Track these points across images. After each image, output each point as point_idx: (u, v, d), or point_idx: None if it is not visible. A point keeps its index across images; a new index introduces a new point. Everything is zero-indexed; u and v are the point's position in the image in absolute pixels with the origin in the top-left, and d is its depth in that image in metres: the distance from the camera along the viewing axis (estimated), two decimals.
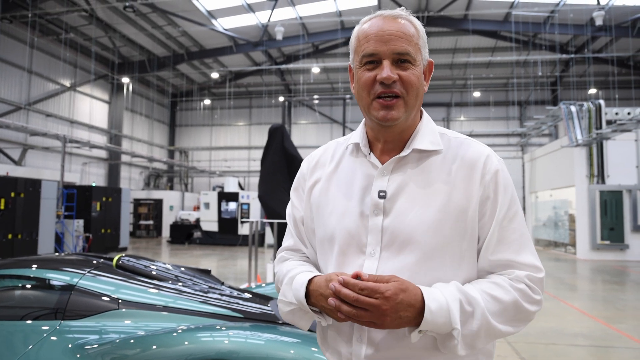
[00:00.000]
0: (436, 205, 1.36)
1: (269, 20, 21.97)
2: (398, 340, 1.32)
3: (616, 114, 18.07)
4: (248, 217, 22.53)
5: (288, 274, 1.48)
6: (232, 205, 23.94)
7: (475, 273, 1.40)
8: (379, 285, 1.20)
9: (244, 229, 23.22)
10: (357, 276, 1.24)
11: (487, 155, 1.42)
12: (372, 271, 1.35)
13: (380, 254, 1.37)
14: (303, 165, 1.66)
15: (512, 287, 1.32)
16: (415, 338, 1.25)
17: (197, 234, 24.28)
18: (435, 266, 1.34)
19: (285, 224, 7.04)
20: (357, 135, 1.54)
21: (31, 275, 3.30)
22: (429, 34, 21.70)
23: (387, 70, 1.35)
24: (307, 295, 1.36)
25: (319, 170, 1.58)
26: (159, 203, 29.11)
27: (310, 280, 1.37)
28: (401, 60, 1.37)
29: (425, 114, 1.52)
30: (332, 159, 1.57)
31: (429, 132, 1.46)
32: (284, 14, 22.34)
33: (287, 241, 1.66)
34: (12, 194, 13.95)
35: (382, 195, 1.40)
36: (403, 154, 1.43)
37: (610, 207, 17.14)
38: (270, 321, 3.19)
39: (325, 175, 1.55)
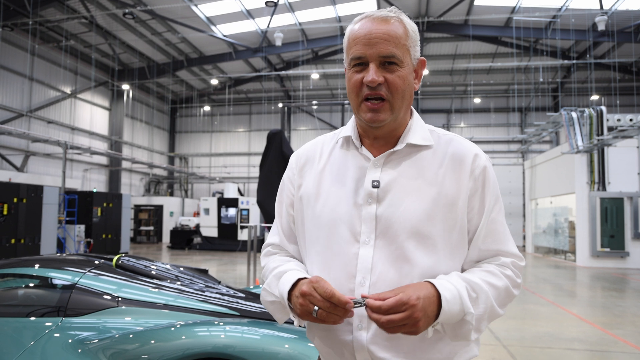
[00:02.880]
0: (428, 196, 1.40)
1: (268, 26, 22.06)
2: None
3: (618, 120, 17.90)
4: (247, 223, 22.55)
5: (278, 268, 1.52)
6: (232, 211, 24.02)
7: (465, 261, 1.47)
8: (400, 297, 1.21)
9: (243, 235, 23.28)
10: (348, 301, 1.27)
11: (476, 152, 1.47)
12: (368, 258, 1.39)
13: (374, 242, 1.40)
14: (292, 160, 1.66)
15: (503, 274, 1.42)
16: (431, 333, 1.31)
17: (197, 240, 24.29)
18: (429, 254, 1.39)
19: None
20: (348, 129, 1.55)
21: (34, 274, 3.39)
22: (429, 39, 21.28)
23: (372, 74, 1.38)
24: (290, 292, 1.40)
25: (308, 165, 1.59)
26: (159, 209, 29.18)
27: (297, 281, 1.39)
28: (388, 63, 1.39)
29: (415, 112, 1.55)
30: (321, 154, 1.58)
31: (419, 128, 1.50)
32: (283, 20, 22.42)
33: (272, 237, 1.68)
34: (15, 200, 14.16)
35: (376, 184, 1.43)
36: (397, 148, 1.46)
37: (611, 214, 17.05)
38: (266, 319, 3.24)
39: (316, 169, 1.56)
